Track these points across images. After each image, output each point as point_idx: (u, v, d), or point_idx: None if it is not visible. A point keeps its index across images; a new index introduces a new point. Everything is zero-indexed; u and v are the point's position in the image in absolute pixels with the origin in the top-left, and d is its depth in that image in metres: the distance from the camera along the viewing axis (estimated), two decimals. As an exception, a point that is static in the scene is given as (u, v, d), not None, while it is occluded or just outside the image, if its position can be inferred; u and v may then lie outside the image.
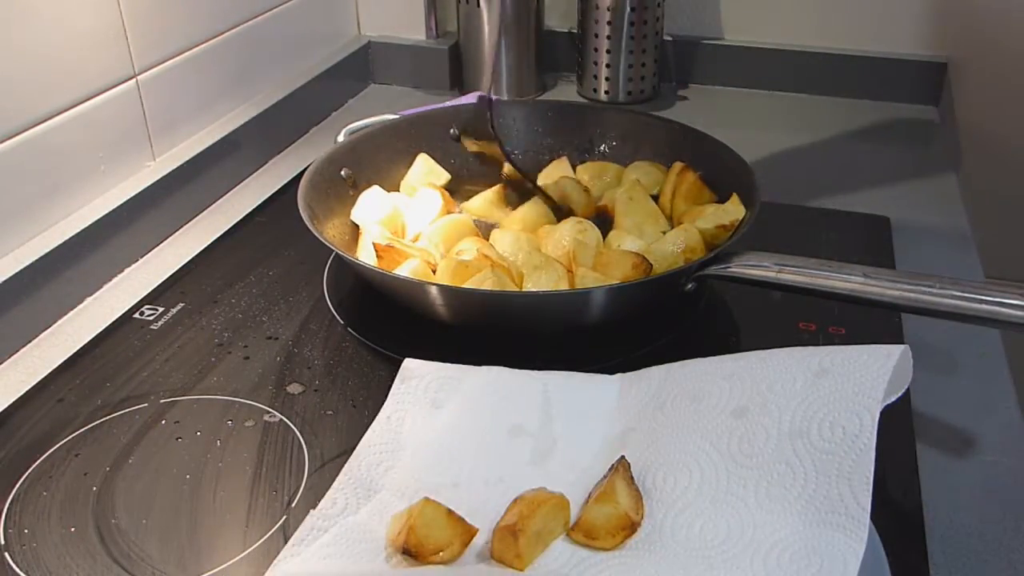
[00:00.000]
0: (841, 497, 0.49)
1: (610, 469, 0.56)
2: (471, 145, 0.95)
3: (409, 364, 0.65)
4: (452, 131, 0.97)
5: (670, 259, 0.77)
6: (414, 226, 0.86)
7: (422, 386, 0.63)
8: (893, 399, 0.53)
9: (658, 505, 0.54)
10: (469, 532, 0.53)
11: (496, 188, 0.91)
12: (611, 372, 0.65)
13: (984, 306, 0.61)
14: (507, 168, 0.91)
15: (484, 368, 0.64)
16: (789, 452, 0.52)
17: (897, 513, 0.53)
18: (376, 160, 0.91)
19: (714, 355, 0.74)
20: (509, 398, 0.62)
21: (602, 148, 0.97)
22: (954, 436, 0.66)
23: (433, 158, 0.94)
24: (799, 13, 1.24)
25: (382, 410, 0.62)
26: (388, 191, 0.89)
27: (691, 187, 0.86)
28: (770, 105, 1.24)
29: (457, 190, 0.93)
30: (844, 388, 0.53)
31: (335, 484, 0.57)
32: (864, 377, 0.53)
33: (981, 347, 0.72)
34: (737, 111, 1.23)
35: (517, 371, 0.64)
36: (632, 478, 0.55)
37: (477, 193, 0.91)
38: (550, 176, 0.94)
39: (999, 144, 1.23)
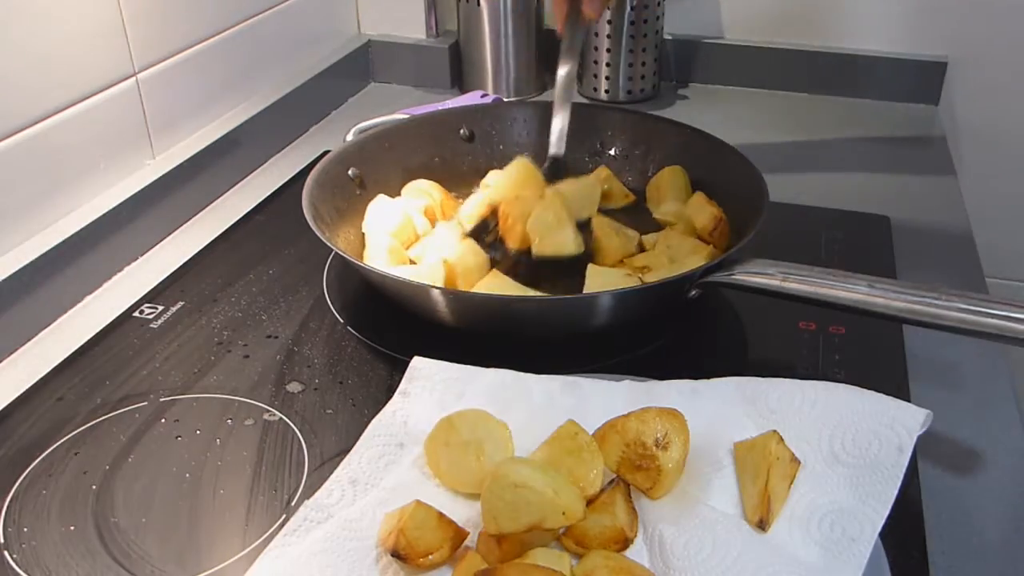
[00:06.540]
0: None
1: (610, 483, 0.55)
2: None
3: (417, 363, 0.65)
4: (462, 131, 0.96)
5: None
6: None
7: (429, 386, 0.63)
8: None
9: (653, 539, 0.53)
10: (460, 536, 0.52)
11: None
12: (612, 370, 0.65)
13: (989, 320, 0.61)
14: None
15: (491, 371, 0.64)
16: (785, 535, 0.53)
17: (897, 513, 0.52)
18: (385, 160, 0.91)
19: (714, 356, 0.74)
20: (512, 402, 0.62)
21: (612, 151, 0.97)
22: (954, 435, 0.66)
23: (441, 158, 0.93)
24: (799, 13, 1.24)
25: (387, 405, 0.62)
26: (397, 192, 0.89)
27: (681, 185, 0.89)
28: (770, 105, 1.24)
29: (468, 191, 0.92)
30: (852, 486, 0.54)
31: (333, 476, 0.57)
32: (874, 475, 0.54)
33: (982, 346, 0.72)
34: (737, 111, 1.23)
35: (523, 375, 0.64)
36: (630, 497, 0.54)
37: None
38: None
39: (999, 144, 1.23)
